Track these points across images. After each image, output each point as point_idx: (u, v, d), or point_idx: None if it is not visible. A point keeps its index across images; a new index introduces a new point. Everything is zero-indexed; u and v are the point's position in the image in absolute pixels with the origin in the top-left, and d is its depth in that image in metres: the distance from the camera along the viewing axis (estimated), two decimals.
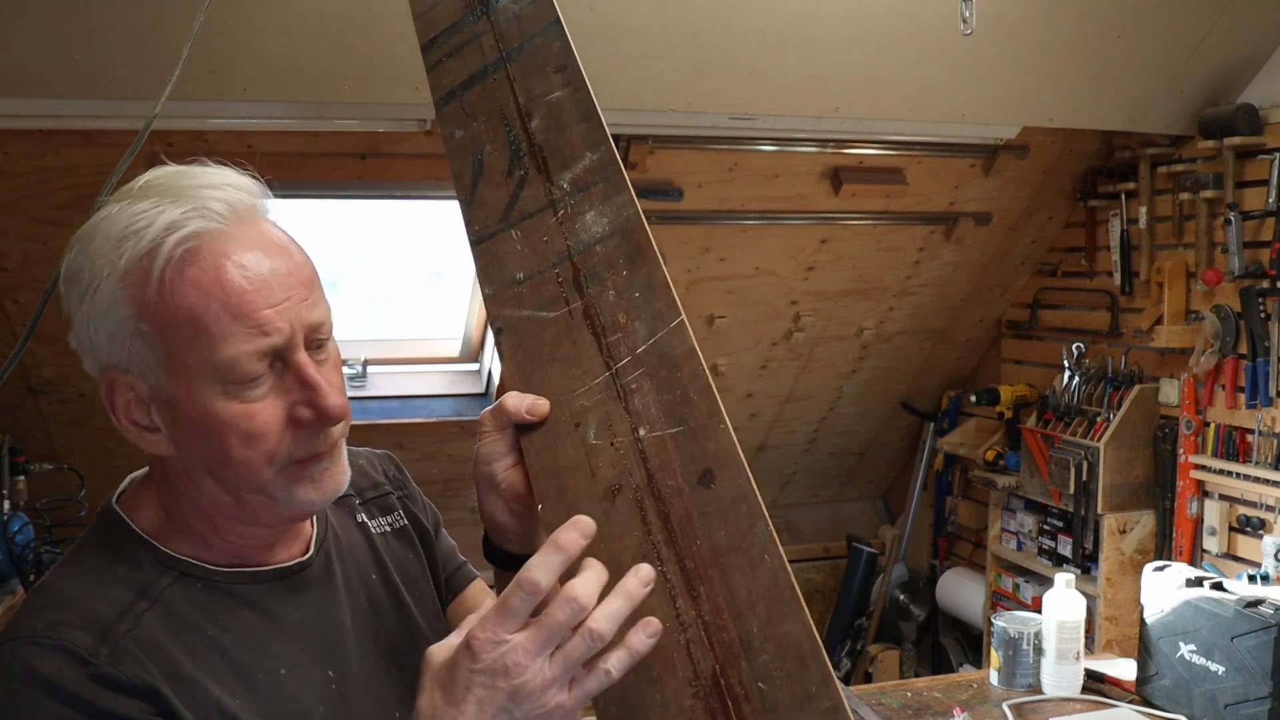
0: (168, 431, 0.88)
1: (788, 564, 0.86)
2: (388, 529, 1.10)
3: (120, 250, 0.86)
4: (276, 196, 1.01)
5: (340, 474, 0.93)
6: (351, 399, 3.66)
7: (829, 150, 3.19)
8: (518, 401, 0.92)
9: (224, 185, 0.90)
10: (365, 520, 1.08)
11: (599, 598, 0.78)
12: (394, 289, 3.76)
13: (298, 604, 0.95)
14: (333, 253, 3.59)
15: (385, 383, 3.53)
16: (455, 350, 3.65)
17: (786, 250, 3.46)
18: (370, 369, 3.48)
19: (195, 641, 0.87)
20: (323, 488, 0.91)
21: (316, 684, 0.93)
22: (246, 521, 0.92)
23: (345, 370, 3.65)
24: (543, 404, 0.92)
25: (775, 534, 0.87)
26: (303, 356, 0.89)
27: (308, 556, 0.98)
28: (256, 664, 0.89)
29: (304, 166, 2.83)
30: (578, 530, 0.77)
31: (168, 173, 0.92)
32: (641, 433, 0.89)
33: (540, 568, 0.76)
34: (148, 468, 0.96)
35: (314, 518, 1.03)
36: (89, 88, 2.27)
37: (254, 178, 0.94)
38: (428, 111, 2.59)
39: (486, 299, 0.97)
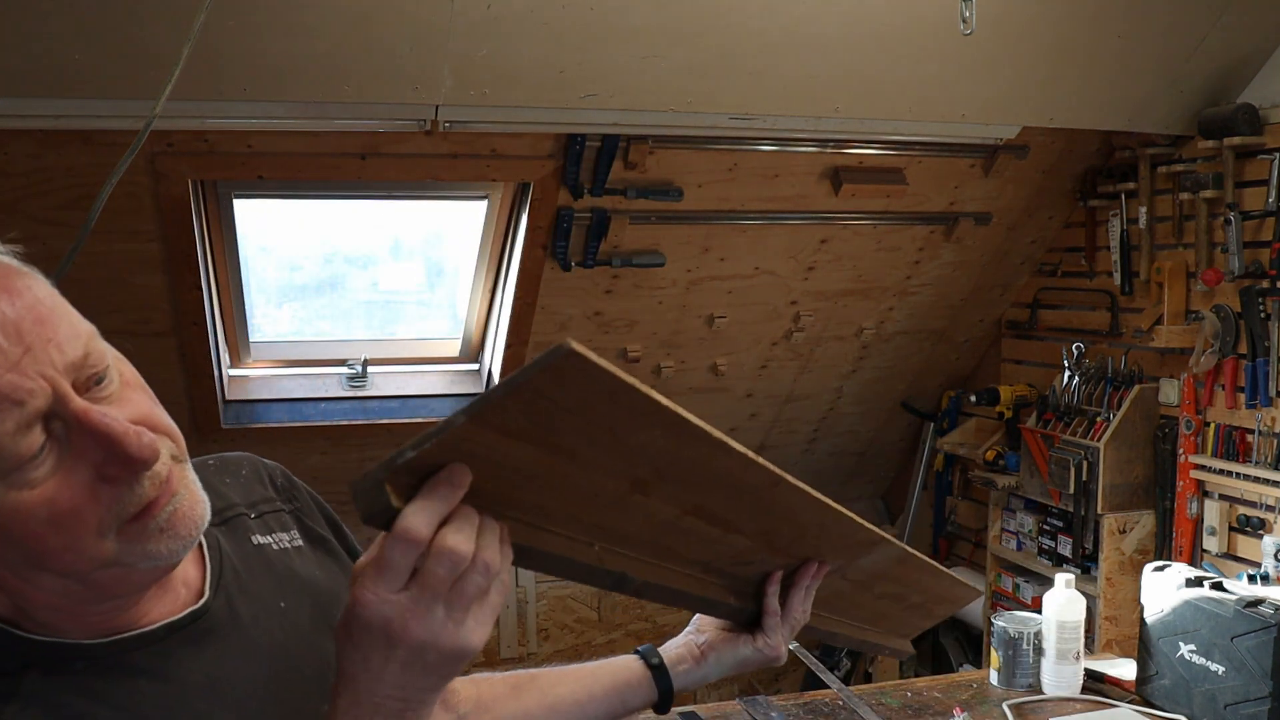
0: None
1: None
2: (288, 545, 0.99)
3: None
4: (276, 196, 0.96)
5: (194, 505, 0.79)
6: (351, 399, 3.66)
7: (829, 150, 3.19)
8: None
9: None
10: (263, 540, 0.97)
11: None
12: (394, 289, 3.76)
13: (201, 659, 0.83)
14: (333, 253, 3.59)
15: (385, 383, 3.53)
16: (455, 350, 3.65)
17: (786, 250, 3.46)
18: (370, 369, 3.48)
19: None
20: (179, 531, 0.77)
21: None
22: (106, 599, 0.79)
23: (344, 370, 3.62)
24: None
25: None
26: (78, 406, 0.72)
27: (202, 602, 0.86)
28: None
29: (304, 166, 2.83)
30: (453, 480, 0.68)
31: None
32: None
33: (417, 514, 0.68)
34: None
35: (205, 553, 0.90)
36: (89, 88, 2.27)
37: None
38: (428, 111, 2.59)
39: None
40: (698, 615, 1.16)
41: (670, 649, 1.17)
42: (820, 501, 0.90)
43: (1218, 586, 2.05)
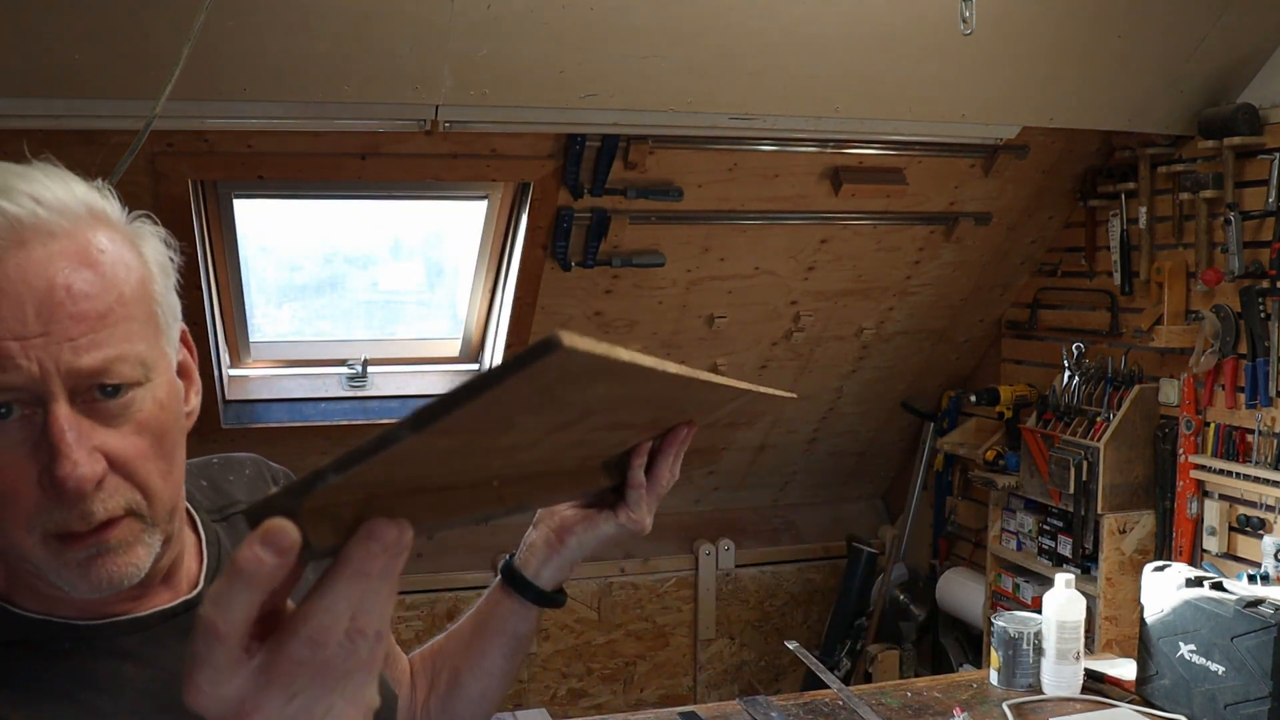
0: None
1: None
2: None
3: None
4: (276, 196, 0.95)
5: (123, 566, 0.75)
6: (351, 399, 3.67)
7: (829, 150, 3.19)
8: None
9: (13, 191, 0.74)
10: None
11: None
12: (394, 289, 3.76)
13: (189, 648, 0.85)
14: (333, 253, 3.59)
15: (385, 383, 3.53)
16: (455, 350, 3.65)
17: (786, 250, 3.46)
18: (370, 369, 3.49)
19: (66, 710, 0.76)
20: (90, 577, 0.74)
21: None
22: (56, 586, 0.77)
23: (344, 370, 3.61)
24: None
25: None
26: (57, 408, 0.71)
27: (196, 593, 0.86)
28: None
29: (304, 166, 2.83)
30: (268, 545, 0.49)
31: None
32: None
33: (216, 604, 0.51)
34: None
35: (204, 547, 0.90)
36: (89, 88, 2.27)
37: (101, 193, 0.81)
38: (428, 111, 2.59)
39: None
40: None
41: (528, 549, 1.08)
42: (719, 385, 0.82)
43: (1218, 586, 2.05)
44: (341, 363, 3.49)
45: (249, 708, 0.52)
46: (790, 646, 2.49)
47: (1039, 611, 2.22)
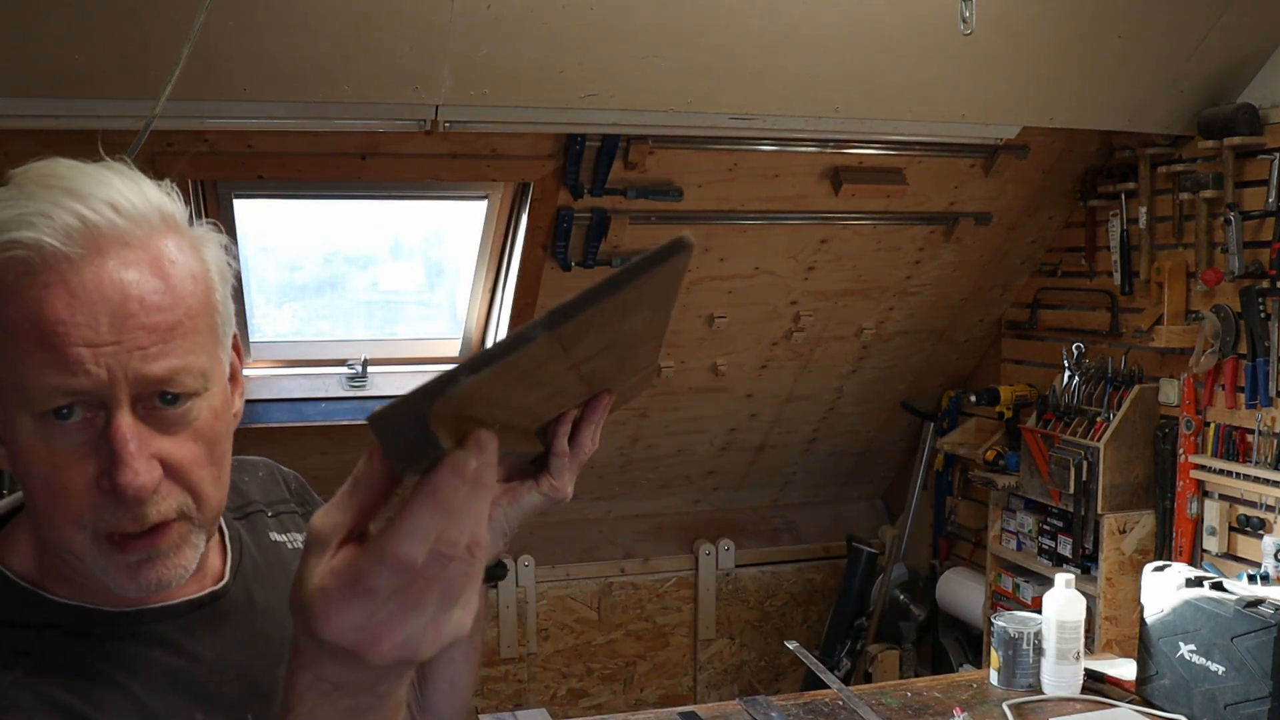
0: (6, 447, 0.77)
1: None
2: (301, 545, 1.00)
3: None
4: (276, 196, 0.95)
5: (172, 567, 0.79)
6: (352, 399, 3.66)
7: (829, 150, 3.19)
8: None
9: (92, 197, 0.76)
10: (279, 538, 1.01)
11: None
12: (394, 289, 3.76)
13: (215, 637, 0.87)
14: (333, 253, 3.59)
15: (385, 383, 3.53)
16: (455, 350, 3.65)
17: (786, 250, 3.46)
18: (370, 369, 3.49)
19: (100, 691, 0.78)
20: (139, 578, 0.78)
21: None
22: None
23: (344, 370, 3.61)
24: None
25: None
26: (121, 416, 0.74)
27: (223, 584, 0.90)
28: (169, 710, 0.81)
29: (304, 166, 2.83)
30: (460, 475, 0.52)
31: (52, 166, 0.81)
32: None
33: (412, 536, 0.53)
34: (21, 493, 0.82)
35: (226, 541, 0.94)
36: (89, 88, 2.27)
37: (169, 195, 0.81)
38: (428, 111, 2.59)
39: None
40: None
41: None
42: (658, 342, 0.83)
43: (1218, 586, 2.05)
44: (341, 363, 3.49)
45: (384, 629, 0.55)
46: (790, 646, 2.49)
47: (1039, 611, 2.22)
